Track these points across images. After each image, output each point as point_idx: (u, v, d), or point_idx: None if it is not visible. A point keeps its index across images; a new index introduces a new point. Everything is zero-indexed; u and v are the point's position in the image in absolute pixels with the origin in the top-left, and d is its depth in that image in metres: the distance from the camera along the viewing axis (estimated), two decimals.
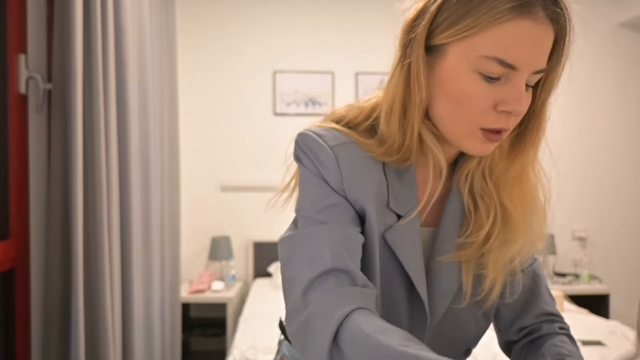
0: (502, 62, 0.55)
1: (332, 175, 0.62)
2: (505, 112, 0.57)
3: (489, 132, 0.59)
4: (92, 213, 1.70)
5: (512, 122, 0.59)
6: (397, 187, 0.65)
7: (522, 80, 0.56)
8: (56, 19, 1.63)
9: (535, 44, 0.55)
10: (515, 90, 0.56)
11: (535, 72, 0.57)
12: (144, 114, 2.16)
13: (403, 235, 0.64)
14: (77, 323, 1.58)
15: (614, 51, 3.66)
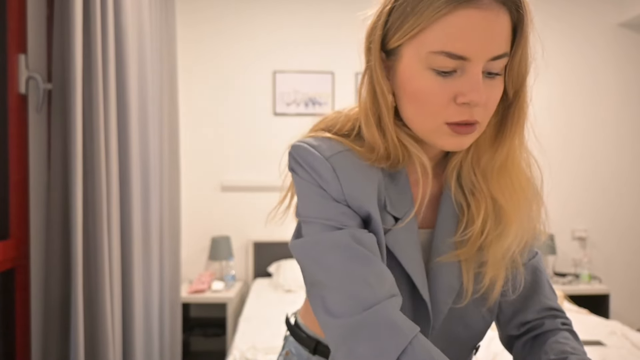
0: (450, 54, 0.55)
1: (332, 186, 0.62)
2: (465, 103, 0.57)
3: (455, 125, 0.58)
4: (92, 213, 1.70)
5: (479, 113, 0.58)
6: (392, 191, 0.65)
7: (477, 70, 0.56)
8: (56, 19, 1.63)
9: (483, 31, 0.54)
10: (470, 80, 0.55)
11: (493, 59, 0.56)
12: (143, 114, 2.16)
13: (402, 238, 0.64)
14: (77, 323, 1.58)
15: (614, 51, 3.66)
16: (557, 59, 3.63)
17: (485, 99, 0.57)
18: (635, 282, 3.69)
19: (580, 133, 3.66)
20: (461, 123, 0.58)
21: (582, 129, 3.66)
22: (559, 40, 3.63)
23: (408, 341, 0.53)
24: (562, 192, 3.64)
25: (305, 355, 0.78)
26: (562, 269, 3.60)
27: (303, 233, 0.64)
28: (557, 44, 3.63)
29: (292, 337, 0.81)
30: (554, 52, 3.62)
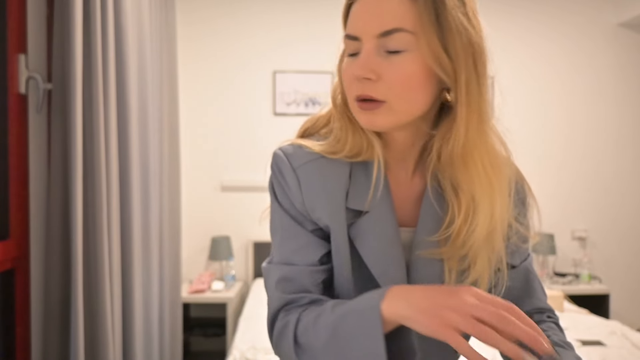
0: (348, 36, 0.62)
1: (296, 197, 0.67)
2: (358, 79, 0.61)
3: (359, 101, 0.62)
4: (92, 213, 1.70)
5: (378, 89, 0.60)
6: (361, 183, 0.66)
7: (367, 47, 0.60)
8: (56, 19, 1.63)
9: (368, 11, 0.59)
10: (360, 56, 0.60)
11: (383, 35, 0.59)
12: (143, 114, 2.16)
13: (367, 229, 0.65)
14: (77, 323, 1.58)
15: (614, 51, 3.66)
16: (557, 59, 3.63)
17: (379, 75, 0.59)
18: (635, 282, 3.69)
19: (580, 133, 3.66)
20: (358, 98, 0.62)
21: (582, 128, 3.66)
22: (558, 40, 3.63)
23: (294, 327, 0.64)
24: (562, 192, 3.64)
25: None
26: (562, 269, 3.60)
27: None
28: (557, 44, 3.63)
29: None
30: (553, 52, 3.63)
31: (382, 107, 0.61)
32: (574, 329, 2.26)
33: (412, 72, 0.59)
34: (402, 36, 0.58)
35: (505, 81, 3.18)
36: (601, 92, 3.67)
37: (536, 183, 3.30)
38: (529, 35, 3.60)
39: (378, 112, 0.61)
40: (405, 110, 0.62)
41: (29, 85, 1.64)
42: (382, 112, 0.61)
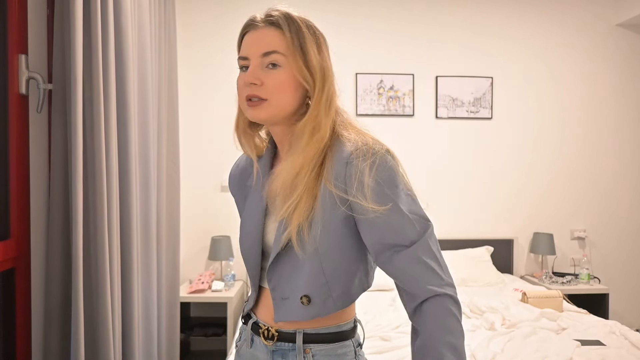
0: (241, 57, 0.90)
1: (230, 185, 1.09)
2: (246, 84, 0.87)
3: (247, 100, 0.88)
4: (92, 213, 1.70)
5: (262, 90, 0.86)
6: (259, 169, 0.98)
7: (254, 63, 0.87)
8: (56, 19, 1.64)
9: (254, 40, 0.88)
10: (249, 69, 0.87)
11: (264, 55, 0.86)
12: (143, 114, 2.17)
13: (250, 201, 0.97)
14: (78, 322, 1.58)
15: (612, 51, 3.66)
16: (556, 59, 3.63)
17: (262, 82, 0.86)
18: (634, 282, 3.69)
19: (578, 133, 3.66)
20: (247, 97, 0.87)
21: (581, 129, 3.66)
22: (557, 41, 3.63)
23: None
24: (561, 193, 3.65)
25: (242, 325, 1.03)
26: (561, 269, 3.61)
27: None
28: (556, 44, 3.63)
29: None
30: (552, 52, 3.63)
31: (265, 103, 0.87)
32: (573, 329, 2.26)
33: (283, 80, 0.87)
34: (277, 56, 0.86)
35: (504, 81, 3.22)
36: (600, 92, 3.67)
37: (536, 183, 3.33)
38: (528, 35, 3.61)
39: (262, 107, 0.87)
40: (281, 104, 0.87)
41: (30, 85, 1.64)
42: (264, 107, 0.87)
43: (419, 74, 3.54)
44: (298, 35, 0.87)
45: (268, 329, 0.93)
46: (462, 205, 3.57)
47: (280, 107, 0.88)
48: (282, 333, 0.91)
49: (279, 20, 0.87)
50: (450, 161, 3.58)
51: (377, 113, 3.49)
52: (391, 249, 0.85)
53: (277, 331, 0.92)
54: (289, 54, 0.86)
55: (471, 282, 3.14)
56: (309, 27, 0.89)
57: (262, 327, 0.94)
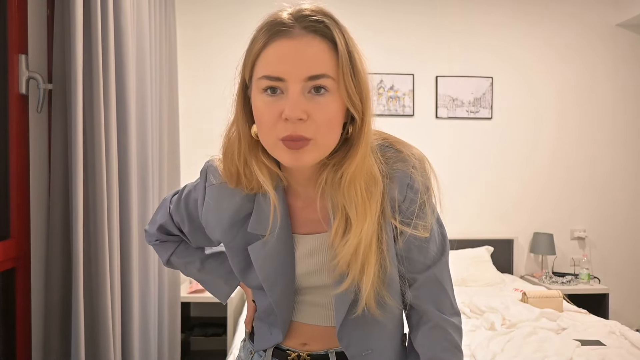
0: (269, 77, 0.65)
1: (199, 209, 0.84)
2: (287, 119, 0.64)
3: (286, 141, 0.65)
4: (92, 213, 1.70)
5: (307, 128, 0.65)
6: (263, 211, 0.76)
7: (294, 88, 0.64)
8: (56, 19, 1.64)
9: (293, 55, 0.64)
10: (288, 98, 0.64)
11: (310, 79, 0.64)
12: (143, 114, 2.17)
13: (267, 250, 0.77)
14: (78, 322, 1.58)
15: (612, 51, 3.66)
16: (556, 59, 3.63)
17: (309, 115, 0.64)
18: (634, 282, 3.69)
19: (578, 133, 3.66)
20: (287, 138, 0.65)
21: (580, 129, 3.66)
22: (557, 40, 3.63)
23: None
24: (560, 193, 3.65)
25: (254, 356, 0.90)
26: (561, 269, 3.61)
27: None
28: (556, 44, 3.63)
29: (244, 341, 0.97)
30: (552, 52, 3.63)
31: (310, 144, 0.66)
32: (573, 329, 2.26)
33: (334, 112, 0.66)
34: (328, 81, 0.65)
35: (504, 81, 3.22)
36: (599, 92, 3.67)
37: (536, 183, 3.33)
38: (528, 35, 3.61)
39: (306, 149, 0.66)
40: (327, 145, 0.68)
41: (30, 85, 1.64)
42: (309, 150, 0.66)
43: (419, 74, 3.54)
44: (349, 48, 0.66)
45: (299, 355, 0.85)
46: (462, 205, 3.57)
47: (327, 147, 0.68)
48: (314, 356, 0.84)
49: (329, 28, 0.65)
50: (450, 161, 3.58)
51: (377, 113, 3.49)
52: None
53: (309, 355, 0.84)
54: (339, 76, 0.65)
55: (471, 282, 3.14)
56: (350, 36, 0.69)
57: (292, 354, 0.85)
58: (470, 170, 3.59)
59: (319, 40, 0.65)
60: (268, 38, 0.66)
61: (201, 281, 1.00)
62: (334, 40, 0.66)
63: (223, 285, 0.96)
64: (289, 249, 0.78)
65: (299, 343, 0.85)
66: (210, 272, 0.97)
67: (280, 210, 0.76)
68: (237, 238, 0.79)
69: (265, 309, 0.85)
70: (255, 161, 0.73)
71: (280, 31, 0.66)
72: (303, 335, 0.84)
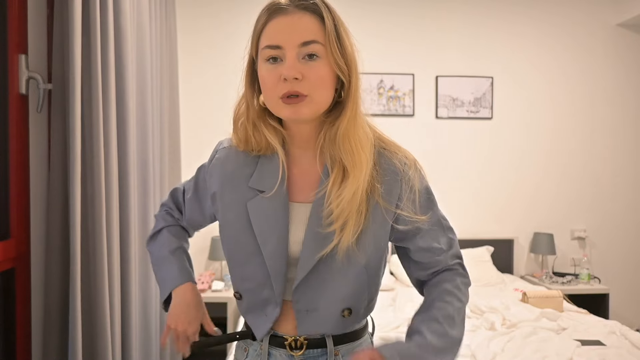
0: (270, 46, 0.79)
1: (207, 165, 0.98)
2: (285, 79, 0.78)
3: (285, 98, 0.79)
4: (91, 213, 1.70)
5: (303, 86, 0.78)
6: (265, 170, 0.87)
7: (291, 54, 0.78)
8: (56, 19, 1.64)
9: (289, 26, 0.78)
10: (286, 62, 0.78)
11: (303, 45, 0.78)
12: (143, 114, 2.16)
13: (264, 206, 0.85)
14: (76, 322, 1.58)
15: (612, 51, 3.66)
16: (556, 59, 3.63)
17: (303, 75, 0.78)
18: (634, 282, 3.69)
19: (578, 133, 3.66)
20: (287, 94, 0.78)
21: (581, 129, 3.66)
22: (557, 40, 3.63)
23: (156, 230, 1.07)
24: (561, 193, 3.65)
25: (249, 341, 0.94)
26: (561, 269, 3.61)
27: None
28: (556, 43, 3.63)
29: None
30: (552, 52, 3.63)
31: (306, 100, 0.79)
32: (574, 329, 2.26)
33: (325, 73, 0.79)
34: (317, 46, 0.78)
35: (504, 81, 3.22)
36: (600, 93, 3.67)
37: (536, 183, 3.33)
38: (528, 35, 3.61)
39: (303, 104, 0.79)
40: (321, 102, 0.81)
41: (29, 85, 1.64)
42: (306, 104, 0.79)
43: (419, 74, 3.54)
44: (335, 22, 0.80)
45: (295, 340, 0.88)
46: (462, 205, 3.57)
47: (321, 103, 0.81)
48: (311, 340, 0.88)
49: (318, 4, 0.79)
50: (451, 161, 3.57)
51: (377, 113, 3.49)
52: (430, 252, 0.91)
53: (305, 339, 0.88)
54: (327, 43, 0.78)
55: (471, 282, 3.14)
56: (338, 15, 0.83)
57: (289, 339, 0.88)
58: (470, 170, 3.59)
59: (309, 15, 0.79)
60: (268, 16, 0.80)
61: (161, 261, 1.02)
62: (322, 16, 0.79)
63: (177, 273, 1.00)
64: (285, 211, 0.85)
65: (295, 327, 0.88)
66: (177, 258, 1.02)
67: (281, 172, 0.85)
68: (237, 192, 0.88)
69: (258, 284, 0.87)
70: (263, 123, 0.86)
71: (279, 9, 0.79)
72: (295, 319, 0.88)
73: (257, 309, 0.89)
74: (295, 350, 0.88)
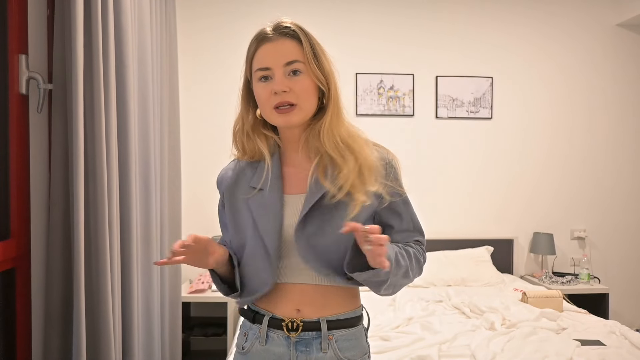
0: (261, 68, 0.97)
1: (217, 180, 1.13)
2: (275, 93, 0.95)
3: (277, 108, 0.96)
4: (92, 213, 1.70)
5: (290, 97, 0.95)
6: (261, 171, 1.03)
7: (278, 73, 0.96)
8: (56, 19, 1.64)
9: (275, 51, 0.96)
10: (275, 78, 0.96)
11: (287, 64, 0.96)
12: (144, 114, 2.17)
13: (262, 201, 1.00)
14: (78, 322, 1.58)
15: (612, 51, 3.66)
16: (556, 59, 3.63)
17: (290, 88, 0.95)
18: (634, 282, 3.69)
19: (578, 133, 3.66)
20: (278, 105, 0.96)
21: (581, 128, 3.66)
22: (557, 40, 3.63)
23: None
24: (561, 193, 3.65)
25: (248, 325, 1.05)
26: (561, 269, 3.61)
27: None
28: (556, 43, 3.63)
29: (240, 313, 1.10)
30: (552, 52, 3.63)
31: (295, 109, 0.97)
32: (573, 328, 2.26)
33: (307, 85, 0.97)
34: (298, 64, 0.96)
35: (504, 81, 3.22)
36: (600, 93, 3.67)
37: (536, 183, 3.33)
38: (528, 35, 3.61)
39: (293, 113, 0.97)
40: (308, 109, 0.98)
41: (30, 85, 1.64)
42: (295, 112, 0.97)
43: (419, 74, 3.54)
44: (311, 44, 0.98)
45: (292, 321, 0.99)
46: (462, 205, 3.57)
47: (307, 110, 0.98)
48: (306, 323, 0.99)
49: (296, 31, 0.97)
50: (450, 161, 3.58)
51: (377, 113, 3.49)
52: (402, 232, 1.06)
53: (301, 321, 0.99)
54: (306, 61, 0.96)
55: (471, 282, 3.14)
56: (312, 35, 1.00)
57: (286, 320, 0.99)
58: (470, 170, 3.59)
59: (289, 40, 0.97)
60: (257, 44, 0.99)
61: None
62: (300, 40, 0.97)
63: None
64: (280, 202, 1.00)
65: (293, 309, 1.00)
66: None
67: (274, 171, 1.02)
68: (240, 192, 1.04)
69: (255, 271, 1.01)
70: (255, 133, 1.04)
71: (265, 37, 0.98)
72: (295, 299, 1.00)
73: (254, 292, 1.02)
74: (291, 332, 0.99)
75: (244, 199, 1.03)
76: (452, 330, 2.19)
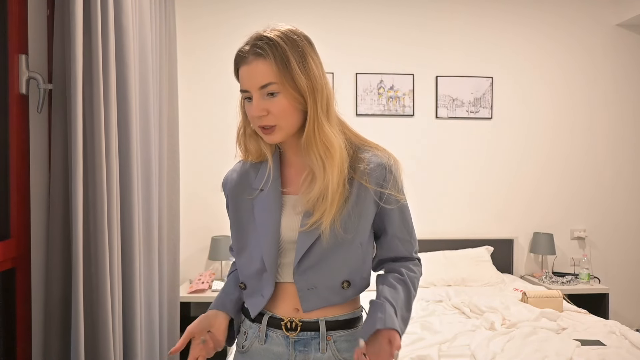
0: (242, 90, 0.98)
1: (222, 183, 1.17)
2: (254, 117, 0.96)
3: (261, 128, 0.97)
4: (92, 212, 1.70)
5: (269, 119, 0.96)
6: (260, 173, 1.06)
7: (255, 96, 0.95)
8: (56, 19, 1.64)
9: (249, 74, 0.95)
10: (252, 103, 0.96)
11: (262, 87, 0.94)
12: (144, 114, 2.17)
13: (264, 200, 1.02)
14: (78, 322, 1.58)
15: (612, 51, 3.66)
16: (556, 59, 3.63)
17: (268, 111, 0.95)
18: (634, 282, 3.69)
19: (578, 133, 3.66)
20: (261, 127, 0.97)
21: (581, 128, 3.66)
22: (557, 40, 3.63)
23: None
24: (561, 193, 3.65)
25: (248, 324, 1.07)
26: (561, 269, 3.61)
27: None
28: (556, 43, 3.63)
29: (242, 312, 1.12)
30: (552, 52, 3.63)
31: (276, 129, 0.97)
32: (573, 328, 2.26)
33: (284, 105, 0.95)
34: (273, 86, 0.94)
35: (504, 81, 3.23)
36: (600, 93, 3.67)
37: (535, 183, 3.33)
38: (528, 35, 3.61)
39: (274, 133, 0.97)
40: (289, 126, 0.98)
41: (30, 85, 1.64)
42: (276, 132, 0.97)
43: (419, 74, 3.54)
44: (283, 61, 0.94)
45: (291, 321, 1.00)
46: (462, 205, 3.57)
47: (289, 128, 0.98)
48: (305, 323, 1.00)
49: (265, 50, 0.94)
50: (450, 161, 3.58)
51: (377, 113, 3.49)
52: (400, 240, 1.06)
53: (300, 321, 0.99)
54: (281, 80, 0.94)
55: (471, 282, 3.14)
56: (292, 42, 0.96)
57: (285, 319, 1.00)
58: (470, 170, 3.59)
59: (263, 61, 0.94)
60: (236, 65, 0.99)
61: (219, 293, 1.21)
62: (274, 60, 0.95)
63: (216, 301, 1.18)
64: (278, 201, 1.02)
65: (292, 308, 1.01)
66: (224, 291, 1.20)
67: (274, 171, 1.04)
68: (244, 192, 1.06)
69: (256, 271, 1.02)
70: (259, 136, 1.02)
71: (242, 58, 0.97)
72: (293, 298, 1.00)
73: (257, 293, 1.03)
74: (290, 331, 1.00)
75: (246, 200, 1.05)
76: (452, 330, 2.19)
